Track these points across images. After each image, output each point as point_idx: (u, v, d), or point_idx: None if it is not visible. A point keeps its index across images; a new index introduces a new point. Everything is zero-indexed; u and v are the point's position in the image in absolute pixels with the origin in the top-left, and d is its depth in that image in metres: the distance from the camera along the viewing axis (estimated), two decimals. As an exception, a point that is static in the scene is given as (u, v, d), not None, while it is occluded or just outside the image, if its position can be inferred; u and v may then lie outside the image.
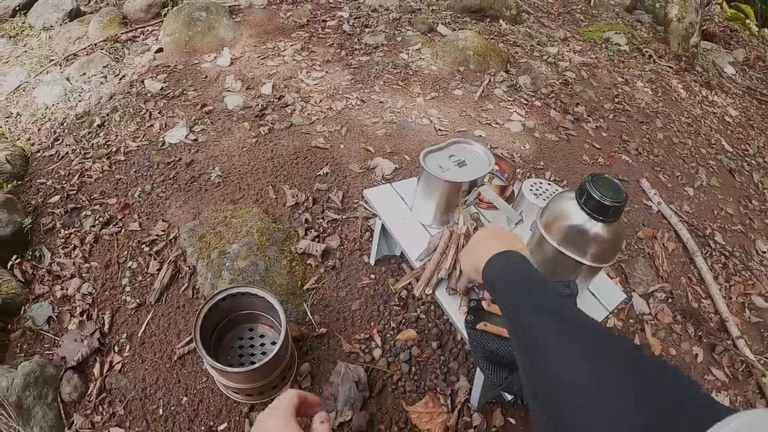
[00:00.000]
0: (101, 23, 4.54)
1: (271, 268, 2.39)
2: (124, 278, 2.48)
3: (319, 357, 2.20)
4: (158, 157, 3.10)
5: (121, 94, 3.68)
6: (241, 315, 2.12)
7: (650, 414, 0.56)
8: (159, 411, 2.06)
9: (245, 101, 3.58)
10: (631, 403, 0.59)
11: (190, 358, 2.20)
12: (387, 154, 3.23)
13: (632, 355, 0.68)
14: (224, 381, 1.92)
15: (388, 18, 4.91)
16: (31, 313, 2.35)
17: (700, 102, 5.06)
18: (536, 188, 2.02)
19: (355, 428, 2.00)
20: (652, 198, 3.46)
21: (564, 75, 4.49)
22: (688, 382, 0.61)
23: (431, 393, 2.12)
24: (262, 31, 4.49)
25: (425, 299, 2.42)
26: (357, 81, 3.94)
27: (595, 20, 6.32)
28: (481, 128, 3.62)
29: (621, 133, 4.03)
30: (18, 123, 3.58)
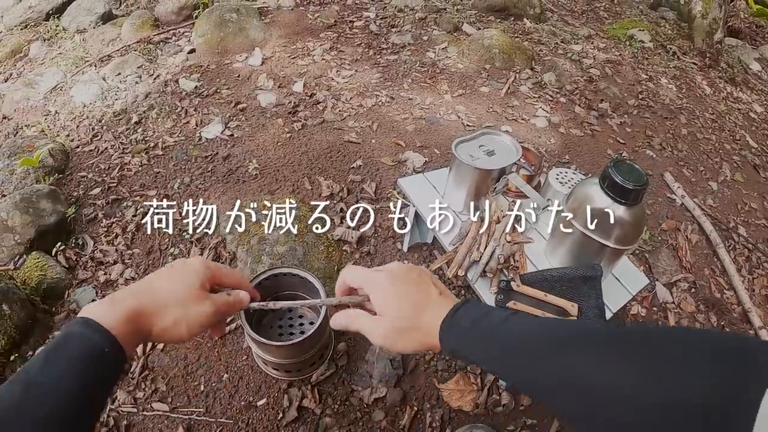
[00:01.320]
0: (134, 25, 4.68)
1: (309, 253, 2.51)
2: (167, 263, 2.60)
3: (355, 337, 2.30)
4: (196, 152, 3.23)
5: (156, 93, 3.82)
6: (282, 295, 2.22)
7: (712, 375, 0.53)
8: (200, 387, 2.16)
9: (278, 99, 3.71)
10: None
11: (230, 338, 2.31)
12: (417, 148, 3.33)
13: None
14: (265, 356, 2.01)
15: (414, 18, 5.01)
16: (75, 297, 2.47)
17: (724, 98, 5.08)
18: (562, 177, 2.12)
19: (389, 404, 2.11)
20: (675, 191, 3.52)
21: (588, 72, 4.55)
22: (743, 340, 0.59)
23: (461, 372, 2.22)
24: (291, 31, 4.62)
25: (457, 282, 2.51)
26: (386, 79, 4.06)
27: (619, 17, 6.35)
28: (508, 124, 3.71)
29: (645, 128, 4.08)
30: (57, 120, 3.71)
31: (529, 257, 1.97)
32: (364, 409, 2.11)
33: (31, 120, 3.74)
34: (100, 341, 0.78)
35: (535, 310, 1.79)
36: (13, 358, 2.17)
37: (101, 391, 0.81)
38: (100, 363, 0.78)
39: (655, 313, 2.70)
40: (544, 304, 1.81)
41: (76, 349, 0.76)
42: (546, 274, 1.86)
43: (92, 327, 0.79)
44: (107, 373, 0.81)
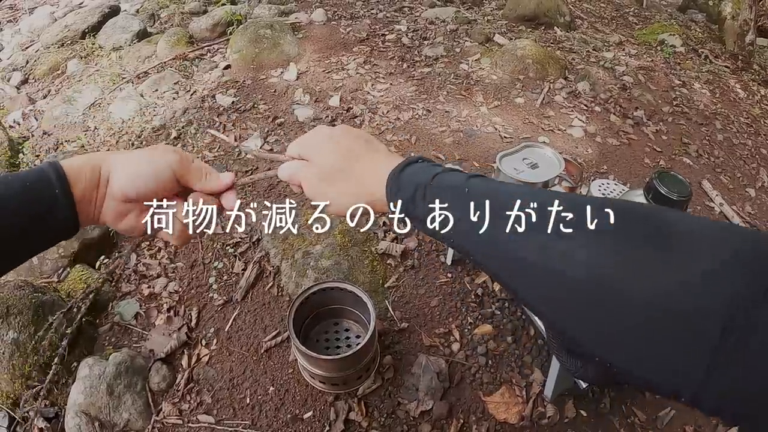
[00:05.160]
0: (169, 42, 4.78)
1: (354, 267, 2.54)
2: (211, 277, 2.65)
3: (401, 350, 2.33)
4: (236, 166, 3.28)
5: (194, 109, 3.89)
6: (328, 309, 2.26)
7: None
8: (246, 400, 2.19)
9: (315, 113, 3.76)
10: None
11: (276, 351, 2.34)
12: (456, 161, 3.35)
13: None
14: (312, 369, 2.04)
15: (446, 29, 5.03)
16: (118, 309, 2.52)
17: (758, 101, 5.01)
18: (604, 188, 2.13)
19: (435, 416, 2.12)
20: (714, 200, 3.49)
21: (621, 79, 4.54)
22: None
23: (507, 384, 2.23)
24: (324, 46, 4.67)
25: (501, 295, 2.53)
26: (421, 92, 4.08)
27: (648, 22, 6.32)
28: (544, 135, 3.72)
29: (681, 135, 4.06)
30: (96, 136, 3.79)
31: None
32: (410, 422, 2.12)
33: (70, 136, 3.82)
34: (58, 190, 0.73)
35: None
36: (58, 369, 2.22)
37: (36, 236, 0.74)
38: (47, 201, 0.72)
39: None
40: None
41: (32, 179, 0.72)
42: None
43: (56, 172, 0.73)
44: (48, 214, 0.73)
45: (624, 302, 0.49)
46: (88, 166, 0.76)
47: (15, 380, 2.11)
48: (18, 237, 0.71)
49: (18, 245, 0.73)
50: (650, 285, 0.48)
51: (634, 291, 0.49)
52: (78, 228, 0.76)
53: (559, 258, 0.55)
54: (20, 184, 0.71)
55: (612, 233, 0.54)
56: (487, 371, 2.27)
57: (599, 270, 0.52)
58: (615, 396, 2.22)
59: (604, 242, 0.53)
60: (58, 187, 0.72)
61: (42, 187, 0.72)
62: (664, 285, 0.48)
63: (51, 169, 0.73)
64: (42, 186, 0.72)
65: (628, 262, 0.51)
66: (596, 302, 0.51)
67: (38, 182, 0.72)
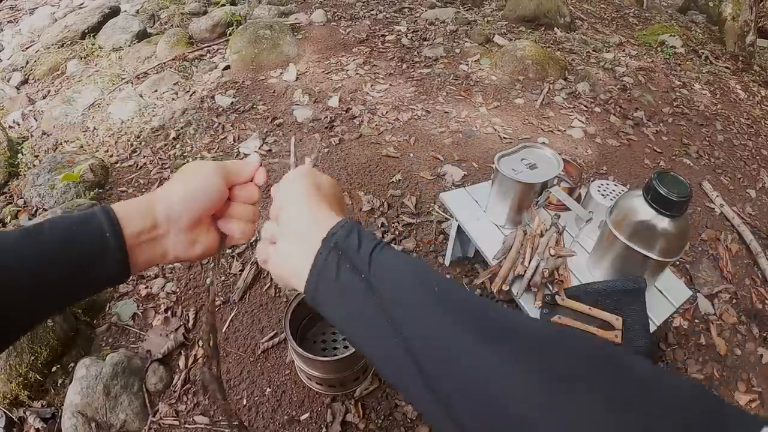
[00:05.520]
0: (169, 43, 4.78)
1: (352, 269, 2.53)
2: (208, 278, 2.64)
3: (399, 352, 2.32)
4: (235, 167, 3.27)
5: (193, 109, 3.89)
6: (326, 314, 2.25)
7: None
8: (243, 401, 2.18)
9: (314, 114, 3.75)
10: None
11: (273, 352, 2.34)
12: (455, 162, 3.35)
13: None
14: (309, 371, 2.03)
15: (445, 30, 5.03)
16: (116, 310, 2.52)
17: (759, 102, 5.01)
18: (603, 189, 2.12)
19: (433, 419, 2.12)
20: (714, 200, 3.48)
21: (622, 80, 4.53)
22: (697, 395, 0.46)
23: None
24: (324, 47, 4.67)
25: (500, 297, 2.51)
26: (420, 93, 4.08)
27: (648, 23, 6.31)
28: (544, 135, 3.72)
29: (681, 136, 4.05)
30: (95, 136, 3.79)
31: (571, 270, 1.98)
32: (407, 423, 2.12)
33: (70, 136, 3.82)
34: (108, 233, 0.68)
35: (580, 324, 1.79)
36: (55, 369, 2.23)
37: (80, 282, 0.68)
38: (97, 253, 0.68)
39: (696, 325, 2.67)
40: (589, 317, 1.80)
41: (78, 223, 0.68)
42: (590, 287, 1.86)
43: (106, 215, 0.69)
44: (96, 264, 0.68)
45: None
46: (144, 207, 0.73)
47: (12, 380, 2.10)
48: (58, 282, 0.66)
49: (58, 291, 0.67)
50: None
51: None
52: (128, 274, 0.72)
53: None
54: (65, 225, 0.67)
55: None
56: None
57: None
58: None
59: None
60: (109, 230, 0.69)
61: (90, 231, 0.68)
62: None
63: (102, 212, 0.70)
64: (91, 229, 0.68)
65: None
66: None
67: (86, 225, 0.68)
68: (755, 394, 2.36)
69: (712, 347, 2.54)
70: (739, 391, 2.36)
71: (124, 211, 0.71)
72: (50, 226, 0.66)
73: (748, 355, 2.61)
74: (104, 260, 0.68)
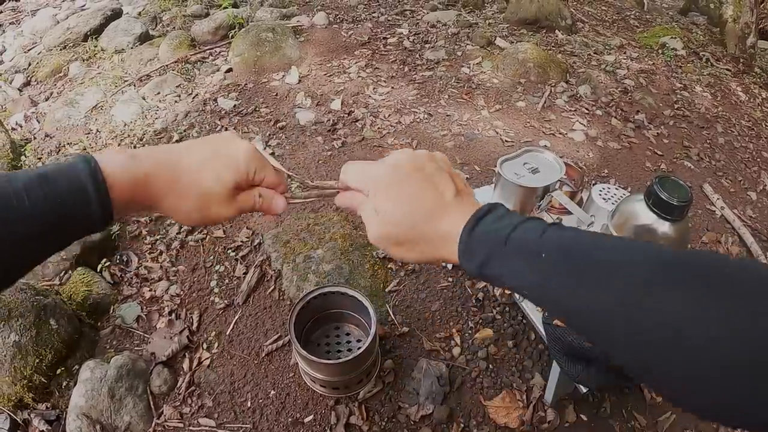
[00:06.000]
0: (171, 45, 4.79)
1: (355, 271, 2.55)
2: (212, 281, 2.66)
3: (402, 354, 2.33)
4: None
5: (195, 112, 3.90)
6: (329, 314, 2.27)
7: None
8: (247, 403, 2.20)
9: (316, 117, 3.77)
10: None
11: (277, 355, 2.35)
12: (457, 165, 3.36)
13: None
14: (313, 373, 2.05)
15: (447, 33, 5.04)
16: (120, 312, 2.53)
17: (760, 104, 5.01)
18: (605, 193, 2.13)
19: (435, 421, 2.13)
20: (715, 203, 3.49)
21: (623, 83, 4.54)
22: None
23: (507, 389, 2.23)
24: (326, 49, 4.68)
25: (502, 300, 2.53)
26: (422, 95, 4.10)
27: (649, 25, 6.31)
28: (546, 138, 3.73)
29: (682, 139, 4.06)
30: (98, 139, 3.80)
31: (574, 274, 1.98)
32: (411, 426, 2.13)
33: (72, 138, 3.83)
34: (94, 204, 0.65)
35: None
36: (60, 372, 2.24)
37: (60, 238, 0.68)
38: (81, 218, 0.66)
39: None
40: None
41: (67, 192, 0.64)
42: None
43: (96, 184, 0.65)
44: (80, 226, 0.68)
45: (711, 351, 0.48)
46: (132, 193, 0.69)
47: (16, 383, 2.11)
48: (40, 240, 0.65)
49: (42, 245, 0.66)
50: (738, 335, 0.47)
51: (721, 341, 0.48)
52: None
53: (642, 310, 0.53)
54: (50, 200, 0.64)
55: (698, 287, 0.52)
56: (487, 375, 2.28)
57: (683, 321, 0.50)
58: (615, 400, 2.23)
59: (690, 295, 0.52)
60: (98, 212, 0.66)
61: (80, 214, 0.66)
62: (748, 334, 0.47)
63: (95, 198, 0.65)
64: (80, 213, 0.66)
65: (715, 313, 0.49)
66: (679, 350, 0.50)
67: (75, 209, 0.65)
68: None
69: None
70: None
71: (118, 193, 0.67)
72: (42, 188, 0.63)
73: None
74: (87, 230, 0.68)
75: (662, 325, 0.50)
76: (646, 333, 0.52)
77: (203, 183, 0.74)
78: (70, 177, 0.65)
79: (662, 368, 0.52)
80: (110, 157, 0.68)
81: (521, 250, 0.64)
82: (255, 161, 0.78)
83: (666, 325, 0.50)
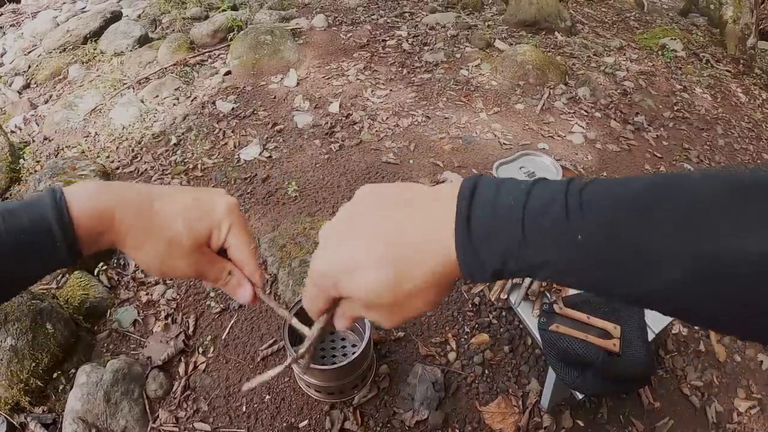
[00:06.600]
0: (170, 48, 4.79)
1: (351, 276, 2.54)
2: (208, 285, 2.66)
3: (397, 359, 2.33)
4: (235, 173, 3.29)
5: (194, 115, 3.90)
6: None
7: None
8: (242, 408, 2.20)
9: (314, 120, 3.77)
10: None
11: (273, 360, 2.36)
12: (455, 168, 3.36)
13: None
14: (308, 378, 2.05)
15: (446, 35, 5.04)
16: (117, 316, 2.54)
17: (760, 105, 5.00)
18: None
19: (431, 426, 2.12)
20: (714, 205, 3.47)
21: (622, 85, 4.54)
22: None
23: (503, 394, 2.22)
24: (324, 52, 4.68)
25: (498, 304, 2.52)
26: (421, 98, 4.09)
27: (649, 27, 6.30)
28: (544, 141, 3.72)
29: (682, 141, 4.05)
30: (97, 142, 3.81)
31: (570, 279, 1.98)
32: (405, 431, 2.12)
33: (71, 141, 3.84)
34: (60, 241, 0.62)
35: (579, 333, 1.79)
36: (56, 375, 2.24)
37: (27, 273, 0.65)
38: (47, 253, 0.63)
39: (696, 332, 2.67)
40: (587, 326, 1.81)
41: (30, 228, 0.62)
42: (588, 296, 1.86)
43: (61, 221, 0.62)
44: (47, 262, 0.64)
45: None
46: (98, 229, 0.65)
47: (13, 386, 2.12)
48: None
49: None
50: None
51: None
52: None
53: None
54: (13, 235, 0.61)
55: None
56: (483, 381, 2.27)
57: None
58: (613, 406, 2.22)
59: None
60: (63, 248, 0.62)
61: (43, 247, 0.63)
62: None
63: (58, 232, 0.62)
64: (43, 246, 0.62)
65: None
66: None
67: (39, 242, 0.62)
68: (755, 400, 2.36)
69: (712, 354, 2.54)
70: (738, 398, 2.37)
71: (84, 228, 0.64)
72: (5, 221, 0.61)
73: (748, 361, 2.61)
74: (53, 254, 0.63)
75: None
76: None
77: (173, 228, 0.68)
78: (33, 213, 0.62)
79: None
80: (78, 189, 0.65)
81: (548, 239, 0.48)
82: (233, 217, 0.70)
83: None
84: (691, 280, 0.43)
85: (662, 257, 0.44)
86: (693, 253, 0.42)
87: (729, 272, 0.41)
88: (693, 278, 0.43)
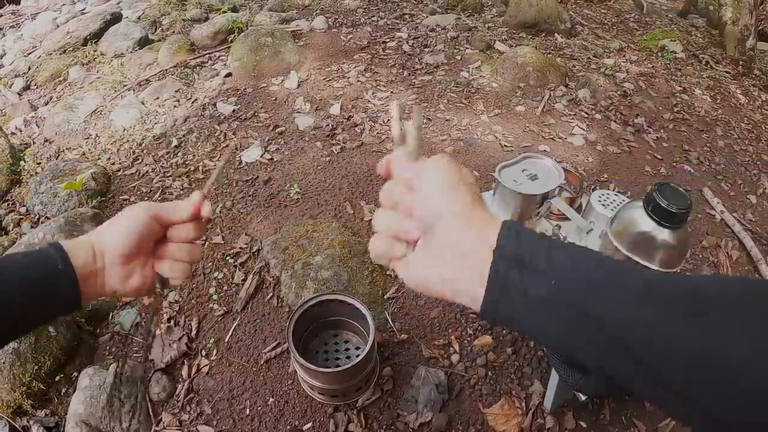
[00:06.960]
0: (170, 50, 4.80)
1: (354, 278, 2.55)
2: (211, 287, 2.65)
3: (401, 362, 2.33)
4: (236, 176, 3.29)
5: (195, 117, 3.90)
6: (328, 321, 2.26)
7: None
8: (246, 411, 2.19)
9: (315, 122, 3.77)
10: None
11: (276, 362, 2.35)
12: (457, 170, 3.34)
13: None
14: (312, 381, 2.04)
15: (446, 37, 5.05)
16: (119, 319, 2.53)
17: (759, 107, 5.01)
18: (604, 199, 2.12)
19: (434, 429, 2.12)
20: (715, 207, 3.48)
21: (622, 86, 4.54)
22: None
23: (506, 396, 2.23)
24: (325, 54, 4.68)
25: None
26: (422, 100, 4.09)
27: (649, 28, 6.31)
28: (545, 143, 3.72)
29: (682, 142, 4.05)
30: (97, 144, 3.81)
31: (573, 282, 1.98)
32: (410, 433, 2.13)
33: (72, 143, 3.84)
34: (60, 265, 0.74)
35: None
36: (59, 379, 2.24)
37: (38, 312, 0.75)
38: (52, 286, 0.74)
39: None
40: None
41: (34, 265, 0.73)
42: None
43: (58, 251, 0.75)
44: (54, 299, 0.75)
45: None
46: (85, 243, 0.78)
47: (15, 390, 2.12)
48: (19, 314, 0.72)
49: (18, 322, 0.74)
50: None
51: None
52: (80, 304, 0.78)
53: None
54: (23, 262, 0.73)
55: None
56: (486, 383, 2.27)
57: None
58: (615, 407, 2.22)
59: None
60: (61, 263, 0.74)
61: (45, 265, 0.74)
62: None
63: (53, 248, 0.75)
64: (45, 263, 0.74)
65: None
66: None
67: (41, 260, 0.74)
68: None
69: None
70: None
71: (71, 246, 0.76)
72: (7, 265, 0.73)
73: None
74: (58, 290, 0.74)
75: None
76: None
77: (114, 239, 0.80)
78: (35, 252, 0.75)
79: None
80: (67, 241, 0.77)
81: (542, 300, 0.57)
82: (152, 217, 0.81)
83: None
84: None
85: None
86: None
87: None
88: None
